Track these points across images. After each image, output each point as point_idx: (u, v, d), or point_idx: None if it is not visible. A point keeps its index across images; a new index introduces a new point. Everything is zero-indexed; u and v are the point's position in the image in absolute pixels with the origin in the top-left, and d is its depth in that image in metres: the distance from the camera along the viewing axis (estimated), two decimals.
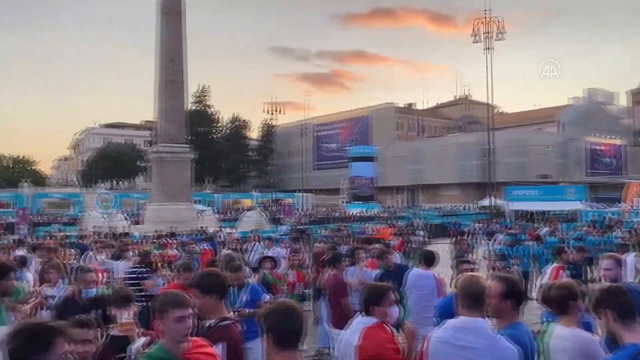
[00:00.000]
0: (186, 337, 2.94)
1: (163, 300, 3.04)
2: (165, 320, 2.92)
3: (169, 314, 2.91)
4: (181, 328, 2.90)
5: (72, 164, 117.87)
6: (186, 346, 2.94)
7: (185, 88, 30.06)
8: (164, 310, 2.94)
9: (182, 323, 2.90)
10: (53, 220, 43.97)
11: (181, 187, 28.56)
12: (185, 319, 2.92)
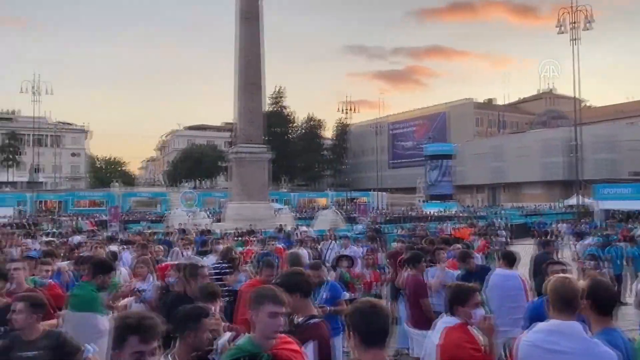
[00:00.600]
0: (277, 333, 2.96)
1: (260, 293, 3.05)
2: (259, 313, 2.94)
3: (264, 308, 2.93)
4: (273, 324, 2.93)
5: (158, 165, 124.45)
6: (274, 341, 2.96)
7: (263, 90, 30.80)
8: (259, 302, 2.96)
9: (274, 319, 2.92)
10: (142, 217, 46.55)
11: (259, 186, 29.29)
12: (278, 316, 2.94)
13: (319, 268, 6.27)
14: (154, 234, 18.34)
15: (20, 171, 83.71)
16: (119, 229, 28.63)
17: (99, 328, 4.75)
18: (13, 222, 36.11)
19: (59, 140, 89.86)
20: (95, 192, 69.01)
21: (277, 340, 2.98)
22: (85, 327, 4.76)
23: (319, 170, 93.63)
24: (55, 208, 58.09)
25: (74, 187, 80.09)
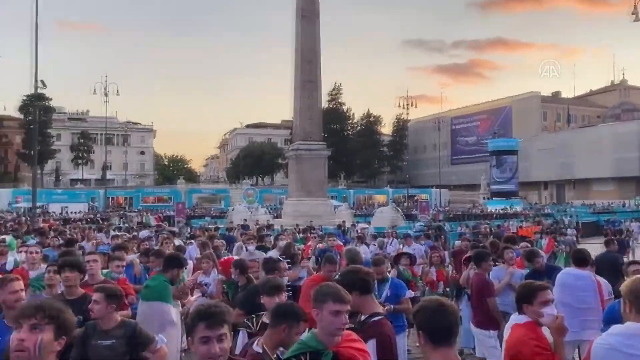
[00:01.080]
0: (340, 331, 2.95)
1: (322, 291, 3.06)
2: (322, 311, 2.95)
3: (327, 306, 2.94)
4: (336, 322, 2.92)
5: (220, 162, 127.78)
6: (338, 339, 2.95)
7: (320, 87, 30.87)
8: (322, 301, 2.98)
9: (337, 317, 2.92)
10: (205, 213, 47.94)
11: (317, 182, 29.42)
12: (341, 314, 2.93)
13: (382, 264, 6.20)
14: (216, 229, 18.81)
15: (91, 169, 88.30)
16: (184, 224, 29.57)
17: (170, 317, 4.94)
18: (86, 217, 38.13)
19: (127, 139, 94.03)
20: (161, 188, 71.71)
21: (342, 337, 2.97)
22: (157, 316, 4.95)
23: (377, 167, 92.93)
24: (124, 204, 60.91)
25: (141, 184, 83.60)
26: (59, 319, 2.28)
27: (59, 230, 15.54)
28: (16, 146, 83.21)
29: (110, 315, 3.94)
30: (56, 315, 2.29)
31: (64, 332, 2.29)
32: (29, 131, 68.55)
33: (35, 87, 23.53)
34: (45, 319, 2.24)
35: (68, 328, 2.33)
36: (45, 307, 2.31)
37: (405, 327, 6.21)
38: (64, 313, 2.33)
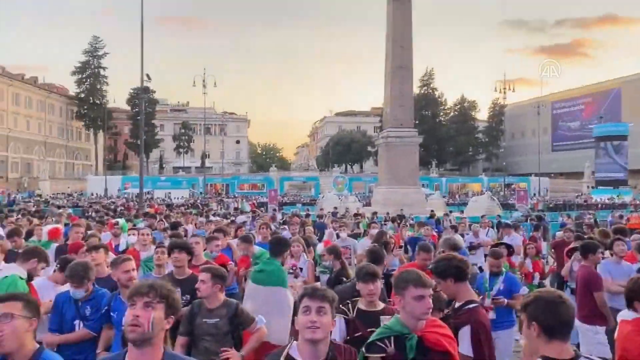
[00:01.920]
0: (424, 315, 2.96)
1: (403, 277, 3.08)
2: (404, 297, 2.98)
3: (408, 292, 2.96)
4: (419, 306, 2.94)
5: (310, 150, 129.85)
6: (422, 323, 2.97)
7: (412, 72, 30.25)
8: (403, 287, 3.00)
9: (420, 302, 2.93)
10: (296, 200, 49.02)
11: (408, 170, 28.96)
12: (425, 298, 2.94)
13: (500, 257, 5.99)
14: (308, 216, 19.15)
15: (192, 157, 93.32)
16: (276, 211, 30.44)
17: (287, 300, 5.12)
18: (187, 202, 40.41)
19: (224, 128, 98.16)
20: (255, 176, 74.23)
21: (427, 323, 2.99)
22: (278, 300, 5.09)
23: (471, 154, 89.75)
24: (221, 190, 63.78)
25: (237, 172, 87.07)
26: (169, 298, 2.41)
27: (165, 214, 16.61)
28: (125, 136, 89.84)
29: (216, 294, 4.15)
30: (167, 294, 2.42)
31: (173, 311, 2.42)
32: (136, 122, 73.71)
33: (142, 80, 25.18)
34: (157, 298, 2.37)
35: (176, 307, 2.46)
36: (157, 286, 2.43)
37: (514, 322, 6.01)
38: (173, 293, 2.46)
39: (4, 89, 72.79)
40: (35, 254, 5.03)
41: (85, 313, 4.41)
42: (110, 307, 4.36)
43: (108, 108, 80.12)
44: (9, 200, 40.87)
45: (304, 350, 2.65)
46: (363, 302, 3.94)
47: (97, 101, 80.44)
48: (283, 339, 4.64)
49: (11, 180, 69.02)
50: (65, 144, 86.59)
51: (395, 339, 2.93)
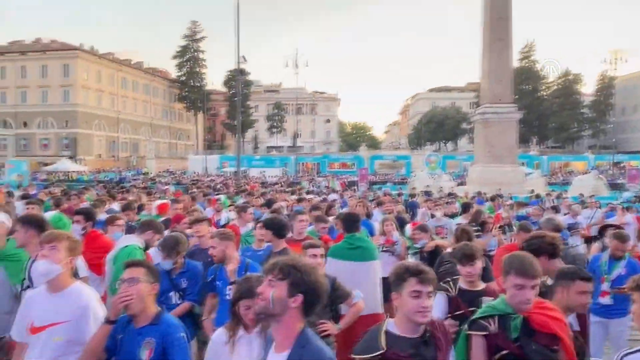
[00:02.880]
0: (523, 305, 2.90)
1: (508, 261, 3.03)
2: (506, 281, 2.97)
3: (510, 278, 2.94)
4: (519, 295, 2.90)
5: (401, 128, 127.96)
6: (528, 306, 2.91)
7: (511, 45, 28.69)
8: (506, 272, 2.98)
9: (520, 291, 2.89)
10: (387, 179, 48.71)
11: (506, 148, 27.73)
12: (524, 289, 2.88)
13: (626, 240, 5.61)
14: (400, 195, 19.00)
15: (284, 137, 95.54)
16: (366, 189, 30.46)
17: (379, 273, 5.45)
18: (280, 181, 41.55)
19: (315, 108, 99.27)
20: (345, 155, 74.55)
21: (534, 305, 2.92)
22: (374, 274, 5.42)
23: (575, 131, 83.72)
24: (312, 169, 64.84)
25: (327, 151, 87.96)
26: (291, 276, 2.30)
27: (261, 191, 17.22)
28: (222, 117, 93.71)
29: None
30: (288, 272, 2.31)
31: (298, 290, 2.28)
32: (232, 103, 76.56)
33: (238, 62, 26.02)
34: (279, 275, 2.31)
35: (300, 286, 2.29)
36: (280, 264, 2.37)
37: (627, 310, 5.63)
38: (298, 271, 2.31)
39: (113, 74, 78.45)
40: (152, 226, 5.38)
41: (180, 285, 4.65)
42: (216, 276, 4.60)
43: (206, 90, 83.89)
44: (120, 178, 44.35)
45: (403, 327, 2.69)
46: (464, 281, 3.91)
47: (196, 84, 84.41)
48: (375, 308, 5.12)
49: (121, 159, 74.77)
50: (168, 125, 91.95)
51: (499, 318, 2.89)
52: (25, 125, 70.87)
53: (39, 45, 74.70)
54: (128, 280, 2.93)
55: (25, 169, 35.67)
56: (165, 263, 4.63)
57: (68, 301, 3.10)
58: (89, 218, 6.04)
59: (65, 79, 70.87)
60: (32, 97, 71.93)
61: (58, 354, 3.01)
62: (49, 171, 51.07)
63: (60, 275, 3.12)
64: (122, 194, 14.05)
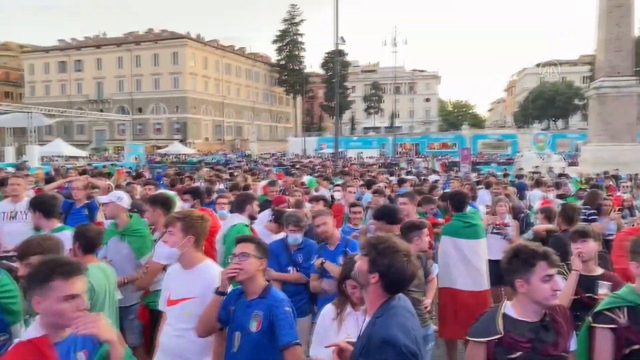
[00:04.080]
0: None
1: (638, 242, 2.86)
2: (635, 266, 2.80)
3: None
4: None
5: (507, 106, 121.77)
6: None
7: (633, 11, 26.07)
8: (636, 256, 2.81)
9: None
10: (491, 160, 46.69)
11: (625, 125, 25.45)
12: None
13: None
14: (506, 175, 18.15)
15: (381, 117, 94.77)
16: (468, 170, 29.44)
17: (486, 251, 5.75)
18: (378, 162, 41.36)
19: (414, 87, 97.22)
20: (446, 135, 72.46)
21: None
22: (482, 251, 5.71)
23: None
24: (411, 150, 63.79)
25: (426, 131, 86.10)
26: (370, 254, 2.42)
27: (360, 172, 17.28)
28: (320, 99, 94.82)
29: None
30: (368, 250, 2.44)
31: (375, 268, 2.38)
32: (329, 85, 77.14)
33: (336, 44, 26.07)
34: (364, 251, 2.47)
35: (376, 265, 2.39)
36: (366, 241, 2.54)
37: None
38: (375, 251, 2.41)
39: (218, 60, 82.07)
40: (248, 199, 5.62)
41: (298, 260, 4.84)
42: (320, 254, 4.71)
43: (305, 73, 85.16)
44: (225, 160, 46.58)
45: (521, 310, 2.59)
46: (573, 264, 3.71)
47: (295, 67, 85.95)
48: (483, 284, 5.52)
49: (226, 142, 78.43)
50: (269, 109, 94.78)
51: (629, 310, 2.67)
52: (140, 111, 76.48)
53: (151, 36, 79.87)
54: (239, 255, 3.08)
55: (141, 152, 38.53)
56: (297, 237, 4.82)
57: (197, 278, 3.28)
58: (197, 197, 6.42)
59: (174, 66, 75.34)
60: (145, 85, 77.34)
61: (188, 327, 3.21)
62: (162, 154, 54.85)
63: (186, 254, 3.30)
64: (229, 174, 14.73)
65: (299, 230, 4.83)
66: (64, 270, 2.20)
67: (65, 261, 2.30)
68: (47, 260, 2.28)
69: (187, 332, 3.21)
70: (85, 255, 3.67)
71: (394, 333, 2.24)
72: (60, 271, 2.19)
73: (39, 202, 4.71)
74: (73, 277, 2.21)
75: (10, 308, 2.87)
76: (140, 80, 77.51)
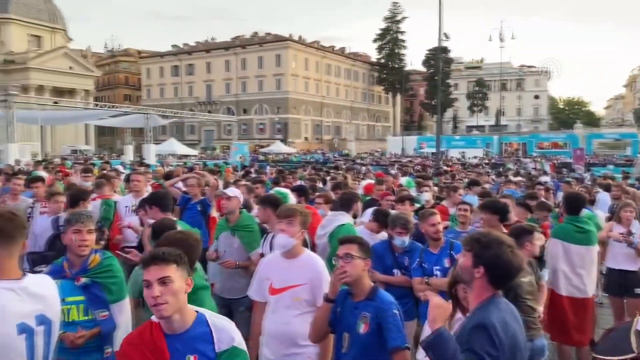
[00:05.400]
0: None
1: None
2: None
3: None
4: None
5: (626, 102, 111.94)
6: None
7: None
8: None
9: None
10: (607, 161, 43.16)
11: None
12: None
13: None
14: (626, 177, 16.67)
15: (486, 115, 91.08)
16: (583, 172, 27.44)
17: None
18: (482, 162, 39.79)
19: (521, 83, 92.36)
20: (557, 134, 68.07)
21: None
22: (595, 259, 5.55)
23: None
24: (518, 149, 60.66)
25: (535, 129, 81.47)
26: (474, 248, 2.44)
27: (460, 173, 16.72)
28: (420, 97, 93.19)
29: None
30: (471, 245, 2.46)
31: (480, 262, 2.40)
32: (431, 83, 75.53)
33: (439, 40, 25.43)
34: (467, 247, 2.49)
35: (481, 258, 2.41)
36: (468, 237, 2.57)
37: None
38: (479, 244, 2.43)
39: (319, 61, 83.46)
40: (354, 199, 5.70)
41: (404, 263, 4.74)
42: (422, 258, 4.58)
43: (405, 71, 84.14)
44: (324, 159, 47.26)
45: None
46: None
47: (395, 65, 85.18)
48: (592, 291, 5.45)
49: (325, 141, 79.58)
50: (367, 108, 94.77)
51: None
52: (244, 112, 79.80)
53: (256, 39, 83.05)
54: (343, 257, 3.07)
55: (246, 151, 40.21)
56: (405, 240, 4.73)
57: (304, 267, 3.51)
58: (303, 194, 6.56)
59: (277, 68, 77.74)
60: (250, 87, 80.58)
61: (298, 312, 3.43)
62: (265, 153, 56.84)
63: (295, 245, 3.55)
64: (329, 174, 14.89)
65: (407, 233, 4.72)
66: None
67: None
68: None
69: (297, 318, 3.41)
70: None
71: (489, 319, 2.23)
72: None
73: (154, 197, 5.06)
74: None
75: (110, 288, 3.20)
76: (246, 82, 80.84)
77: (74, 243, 3.18)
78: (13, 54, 64.60)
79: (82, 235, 3.20)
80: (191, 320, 2.22)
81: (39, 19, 69.46)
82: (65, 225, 3.34)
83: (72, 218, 3.32)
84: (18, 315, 2.10)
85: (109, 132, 75.48)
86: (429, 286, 4.44)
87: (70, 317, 3.08)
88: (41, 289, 2.27)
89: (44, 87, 63.40)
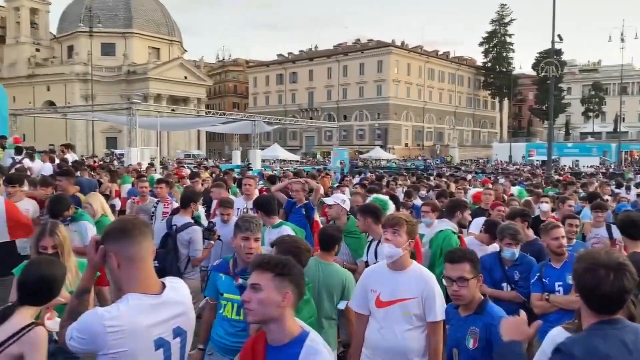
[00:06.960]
0: None
1: None
2: None
3: None
4: None
5: None
6: None
7: None
8: None
9: None
10: None
11: None
12: None
13: None
14: None
15: (602, 121, 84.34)
16: None
17: None
18: (599, 171, 36.92)
19: None
20: None
21: None
22: None
23: None
24: (638, 158, 55.60)
25: None
26: (574, 271, 2.23)
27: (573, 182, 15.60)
28: (529, 102, 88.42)
29: None
30: (573, 267, 2.26)
31: (577, 286, 2.20)
32: (541, 87, 71.41)
33: (552, 42, 23.97)
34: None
35: (577, 284, 2.20)
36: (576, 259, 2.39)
37: None
38: (576, 263, 2.23)
39: (421, 66, 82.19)
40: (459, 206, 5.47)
41: (513, 277, 4.52)
42: (542, 273, 4.31)
43: (513, 75, 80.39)
44: (425, 165, 46.36)
45: None
46: None
47: (502, 69, 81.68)
48: None
49: (426, 147, 78.06)
50: (472, 113, 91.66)
51: None
52: (345, 118, 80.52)
53: (358, 46, 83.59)
54: (457, 280, 2.94)
55: (346, 157, 40.49)
56: (515, 252, 4.51)
57: (413, 279, 3.31)
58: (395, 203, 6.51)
59: (379, 74, 77.64)
60: (351, 93, 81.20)
61: (409, 327, 3.24)
62: (364, 159, 56.89)
63: (402, 256, 3.34)
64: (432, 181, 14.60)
65: (516, 244, 4.49)
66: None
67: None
68: None
69: (408, 333, 3.24)
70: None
71: (570, 346, 1.93)
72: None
73: (260, 202, 5.30)
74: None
75: None
76: (347, 89, 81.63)
77: (242, 249, 3.35)
78: (135, 65, 70.56)
79: (250, 243, 3.36)
80: (292, 336, 2.10)
81: (159, 32, 75.32)
82: (235, 229, 3.48)
83: (242, 225, 3.43)
84: (157, 331, 2.08)
85: (218, 137, 79.69)
86: (549, 303, 4.18)
87: (225, 312, 3.27)
88: (179, 294, 2.24)
89: (162, 95, 68.52)
